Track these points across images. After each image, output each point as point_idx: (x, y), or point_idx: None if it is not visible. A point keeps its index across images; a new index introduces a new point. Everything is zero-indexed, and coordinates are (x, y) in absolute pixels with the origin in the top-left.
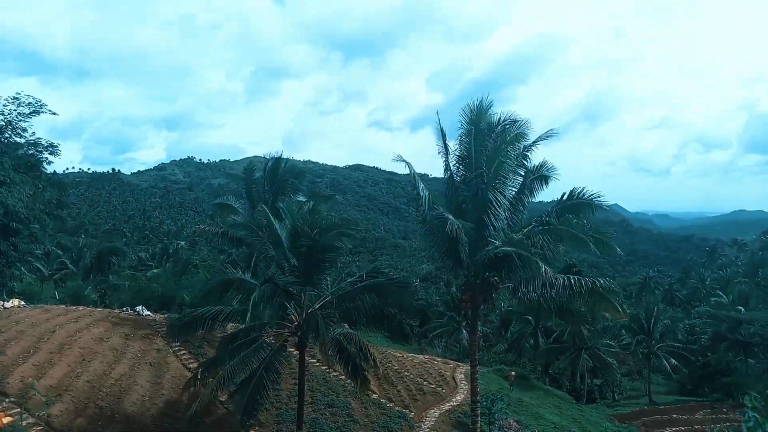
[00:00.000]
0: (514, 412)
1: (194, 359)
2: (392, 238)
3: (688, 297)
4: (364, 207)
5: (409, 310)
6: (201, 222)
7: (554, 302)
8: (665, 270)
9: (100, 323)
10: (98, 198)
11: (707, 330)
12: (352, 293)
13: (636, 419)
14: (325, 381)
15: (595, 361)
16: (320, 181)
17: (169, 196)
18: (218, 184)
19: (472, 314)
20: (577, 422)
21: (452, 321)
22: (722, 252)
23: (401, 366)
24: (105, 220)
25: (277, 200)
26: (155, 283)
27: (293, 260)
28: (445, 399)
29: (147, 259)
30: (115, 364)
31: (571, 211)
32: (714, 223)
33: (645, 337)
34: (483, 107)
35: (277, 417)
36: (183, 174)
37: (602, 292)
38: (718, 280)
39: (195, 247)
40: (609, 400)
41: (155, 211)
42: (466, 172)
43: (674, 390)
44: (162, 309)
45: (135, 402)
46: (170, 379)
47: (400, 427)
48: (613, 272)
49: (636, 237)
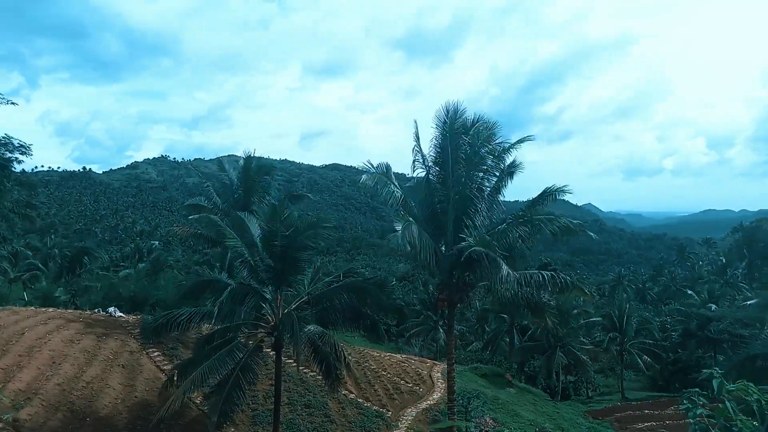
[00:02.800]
0: (490, 410)
1: (168, 361)
2: (369, 238)
3: (659, 295)
4: (341, 207)
5: (387, 310)
6: (175, 221)
7: (527, 300)
8: (637, 268)
9: (71, 325)
10: (68, 197)
11: (678, 327)
12: (329, 293)
13: (609, 415)
14: (302, 381)
15: (570, 359)
16: (297, 180)
17: (142, 196)
18: (193, 183)
19: (449, 313)
20: (553, 419)
21: (429, 320)
22: (692, 250)
23: (378, 365)
24: (76, 220)
25: (250, 199)
26: (128, 283)
27: (268, 260)
28: (422, 398)
29: (119, 259)
30: (86, 367)
31: (544, 204)
32: (684, 222)
33: (618, 335)
34: (457, 109)
35: (253, 418)
36: (156, 173)
37: (574, 284)
38: (689, 278)
39: (169, 247)
40: (583, 396)
41: (128, 211)
42: (442, 172)
43: (646, 386)
44: (135, 310)
45: (107, 405)
46: (143, 381)
47: (377, 426)
48: (586, 270)
49: (609, 236)
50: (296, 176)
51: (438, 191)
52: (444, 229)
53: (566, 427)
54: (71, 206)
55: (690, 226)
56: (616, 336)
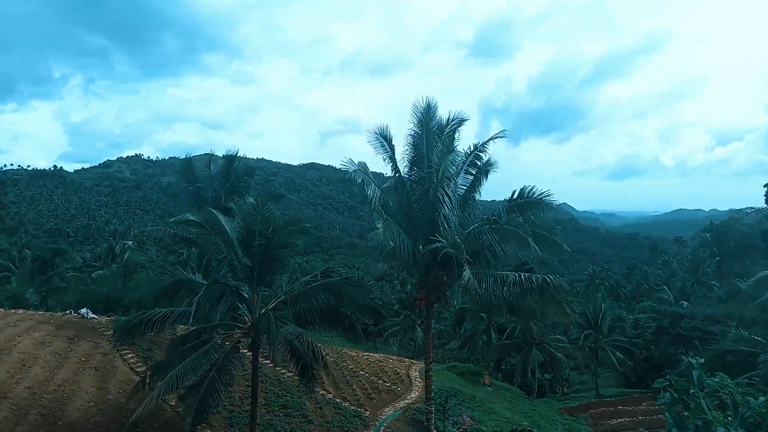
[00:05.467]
0: (467, 408)
1: (142, 363)
2: (348, 237)
3: (632, 292)
4: (319, 206)
5: (365, 309)
6: (149, 221)
7: (505, 299)
8: (611, 267)
9: (42, 327)
10: (39, 196)
11: (651, 324)
12: (306, 293)
13: (584, 412)
14: (279, 382)
15: (546, 356)
16: (274, 179)
17: (116, 195)
18: (167, 182)
19: (426, 312)
20: (529, 416)
21: (407, 319)
22: (664, 249)
23: (356, 365)
24: (46, 220)
25: (228, 198)
26: (101, 284)
27: (245, 260)
28: (399, 397)
29: (92, 259)
30: (57, 369)
31: (521, 209)
32: (657, 221)
33: (592, 332)
34: (431, 107)
35: (230, 420)
36: (130, 171)
37: (551, 290)
38: (661, 276)
39: (143, 247)
40: (559, 393)
41: (100, 210)
42: (418, 171)
43: (620, 383)
44: (108, 311)
45: (79, 408)
46: (117, 383)
47: (355, 426)
48: (562, 269)
49: (584, 235)
50: (273, 175)
51: (414, 191)
52: (420, 228)
53: (542, 424)
54: (42, 205)
55: (662, 225)
56: (591, 334)
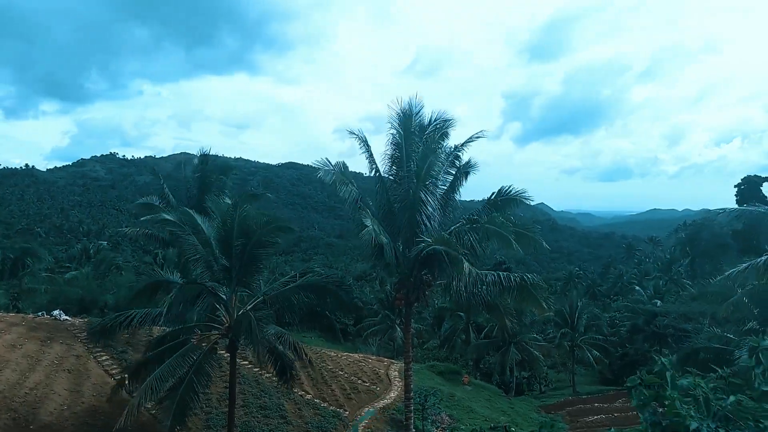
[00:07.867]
0: (446, 407)
1: (117, 365)
2: (327, 237)
3: (608, 291)
4: (298, 206)
5: (345, 309)
6: (124, 221)
7: (483, 298)
8: (588, 266)
9: (13, 329)
10: (10, 196)
11: (626, 323)
12: (285, 293)
13: (561, 409)
14: (257, 383)
15: (523, 355)
16: (252, 179)
17: (90, 194)
18: (143, 181)
19: (406, 312)
20: (507, 414)
21: (386, 319)
22: (639, 248)
23: (336, 365)
24: (18, 220)
25: (205, 198)
26: (75, 285)
27: (223, 260)
28: (379, 396)
29: (65, 260)
30: (29, 372)
31: (500, 207)
32: (632, 221)
33: (569, 331)
34: (412, 107)
35: (207, 422)
36: (105, 171)
37: (529, 287)
38: (636, 275)
39: (118, 247)
40: (536, 391)
41: (74, 210)
42: (398, 171)
43: (596, 380)
44: (82, 313)
45: (52, 411)
46: (91, 386)
47: (334, 426)
48: (539, 268)
49: (561, 234)
50: (251, 175)
51: (394, 190)
52: (400, 227)
53: (519, 422)
54: (13, 205)
55: (637, 225)
56: (568, 332)
